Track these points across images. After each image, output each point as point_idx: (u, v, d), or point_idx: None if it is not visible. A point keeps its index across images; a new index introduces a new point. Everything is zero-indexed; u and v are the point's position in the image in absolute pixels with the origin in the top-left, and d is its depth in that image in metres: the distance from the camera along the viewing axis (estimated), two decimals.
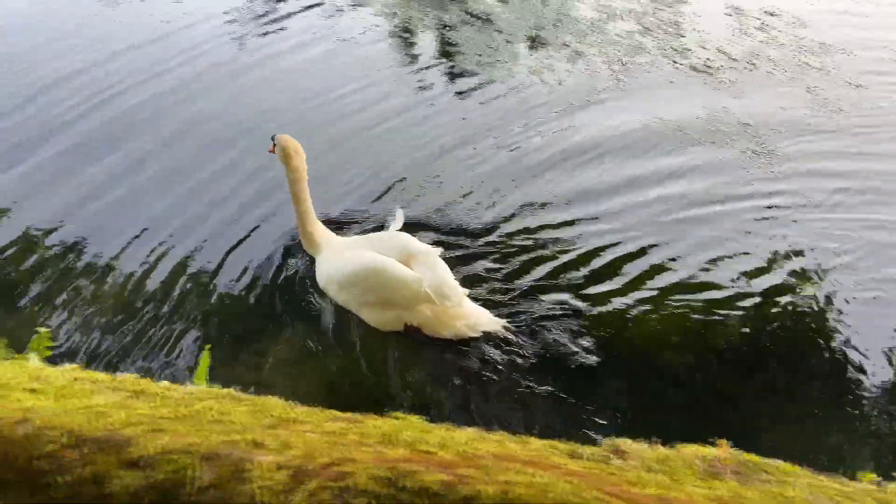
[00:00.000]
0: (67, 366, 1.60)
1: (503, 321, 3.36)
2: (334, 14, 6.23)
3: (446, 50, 5.68)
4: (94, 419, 1.04)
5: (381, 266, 3.32)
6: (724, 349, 3.35)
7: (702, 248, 3.84)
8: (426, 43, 5.83)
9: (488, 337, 3.32)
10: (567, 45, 5.67)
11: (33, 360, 1.90)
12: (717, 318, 3.46)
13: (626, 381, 3.16)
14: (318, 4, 6.31)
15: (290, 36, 5.84)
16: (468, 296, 3.33)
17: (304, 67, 5.47)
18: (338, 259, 3.48)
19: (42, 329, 2.10)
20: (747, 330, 3.42)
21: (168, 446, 0.98)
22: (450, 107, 5.05)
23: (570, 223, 4.00)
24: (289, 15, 6.14)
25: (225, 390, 1.36)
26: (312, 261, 3.63)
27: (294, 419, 1.23)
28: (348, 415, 1.29)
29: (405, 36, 5.92)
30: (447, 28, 5.91)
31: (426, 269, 3.32)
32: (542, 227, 3.95)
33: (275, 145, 3.55)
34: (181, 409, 1.17)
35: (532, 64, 5.47)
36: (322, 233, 3.62)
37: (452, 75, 5.38)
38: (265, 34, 5.85)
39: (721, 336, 3.41)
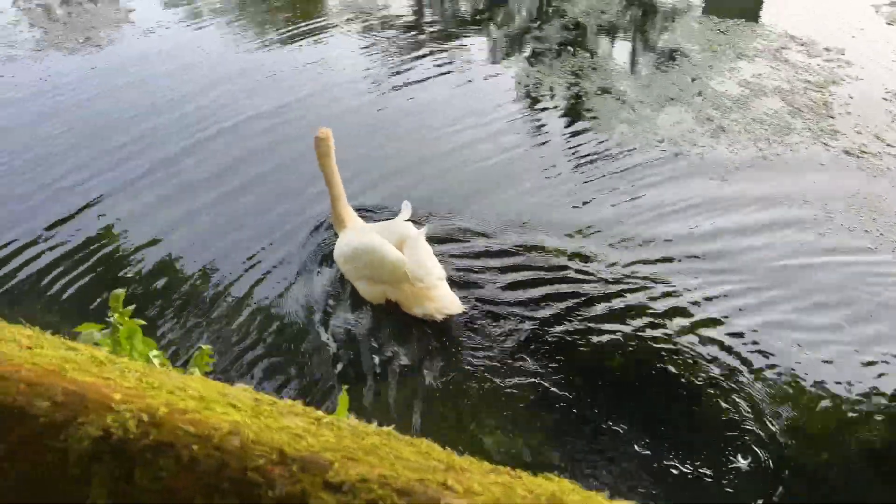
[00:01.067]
0: (241, 385, 1.69)
1: (463, 307, 3.73)
2: (468, 71, 6.50)
3: (581, 114, 5.73)
4: (294, 441, 1.10)
5: (373, 246, 3.83)
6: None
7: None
8: (559, 106, 5.89)
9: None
10: (710, 120, 5.58)
11: (196, 376, 2.00)
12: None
13: None
14: (449, 62, 6.63)
15: (419, 90, 6.13)
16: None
17: (428, 109, 5.78)
18: (349, 238, 4.00)
19: (204, 346, 2.24)
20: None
21: (365, 475, 1.02)
22: (576, 165, 5.10)
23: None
24: (421, 74, 6.44)
25: (385, 428, 1.41)
26: None
27: (459, 466, 1.25)
28: (507, 469, 1.31)
29: (537, 97, 6.02)
30: (584, 95, 5.97)
31: (411, 252, 3.76)
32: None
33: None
34: (360, 442, 1.22)
35: (672, 135, 5.41)
36: (349, 216, 4.15)
37: (585, 138, 5.41)
38: (394, 89, 6.15)
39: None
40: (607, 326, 3.72)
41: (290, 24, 7.43)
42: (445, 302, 3.73)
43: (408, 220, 4.07)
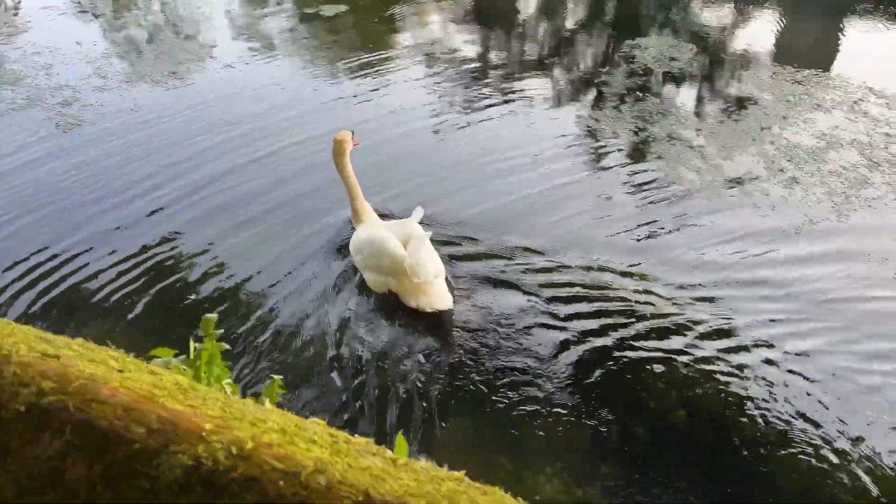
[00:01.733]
0: (314, 419, 1.71)
1: (451, 302, 4.06)
2: (530, 110, 6.55)
3: (646, 158, 5.68)
4: (377, 483, 1.11)
5: (379, 240, 4.26)
6: None
7: None
8: (623, 149, 5.86)
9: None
10: (783, 171, 5.45)
11: (266, 406, 2.03)
12: None
13: None
14: (511, 100, 6.70)
15: (479, 124, 6.21)
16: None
17: (487, 141, 5.89)
18: (361, 231, 4.47)
19: (276, 377, 2.28)
20: None
21: None
22: (638, 205, 5.05)
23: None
24: (482, 110, 6.54)
25: (458, 473, 1.40)
26: None
27: None
28: None
29: (601, 139, 6.00)
30: (651, 140, 5.93)
31: (413, 249, 4.10)
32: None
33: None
34: (438, 487, 1.22)
35: (742, 183, 5.31)
36: (366, 211, 4.63)
37: (649, 180, 5.37)
38: (454, 121, 6.24)
39: None
40: (669, 361, 3.64)
41: (357, 58, 7.66)
42: (436, 298, 4.07)
43: (419, 222, 4.43)
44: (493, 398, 3.58)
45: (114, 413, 1.28)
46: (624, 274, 4.41)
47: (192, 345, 2.11)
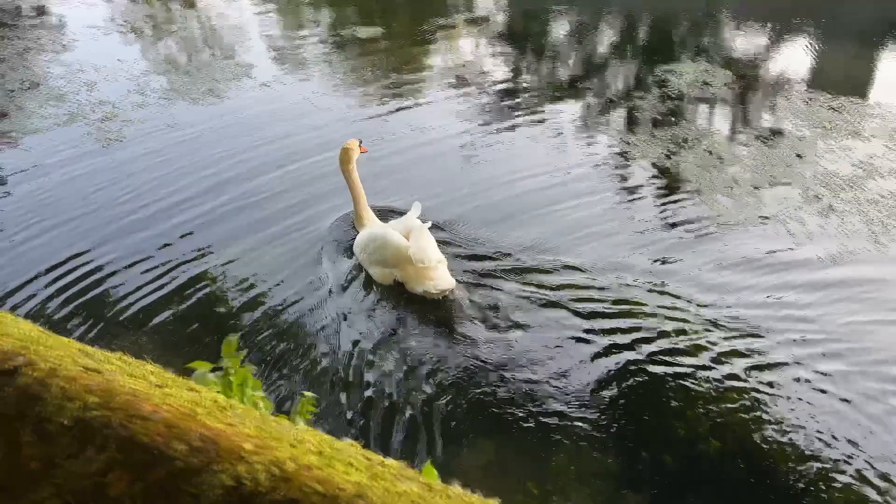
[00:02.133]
0: (347, 440, 1.71)
1: (454, 282, 4.34)
2: (561, 133, 6.55)
3: (679, 183, 5.62)
4: None
5: (382, 234, 4.54)
6: None
7: None
8: (656, 174, 5.80)
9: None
10: (819, 198, 5.37)
11: (299, 424, 2.02)
12: None
13: None
14: (542, 122, 6.70)
15: (509, 144, 6.21)
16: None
17: (517, 161, 5.87)
18: (364, 232, 4.73)
19: (307, 393, 2.28)
20: None
21: None
22: (668, 227, 5.00)
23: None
24: (513, 131, 6.58)
25: (492, 501, 1.39)
26: None
27: None
28: None
29: (633, 163, 5.97)
30: (684, 165, 5.86)
31: (414, 239, 4.38)
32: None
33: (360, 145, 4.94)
34: None
35: (777, 211, 5.23)
36: (368, 216, 4.91)
37: (681, 205, 5.31)
38: (485, 141, 6.26)
39: None
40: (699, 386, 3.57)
41: (390, 78, 7.76)
42: (440, 280, 4.34)
43: (417, 217, 4.67)
44: (517, 416, 3.55)
45: (156, 430, 1.29)
46: (653, 292, 4.37)
47: (225, 363, 2.13)
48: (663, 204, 5.38)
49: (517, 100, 7.38)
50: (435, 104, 7.26)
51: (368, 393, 3.70)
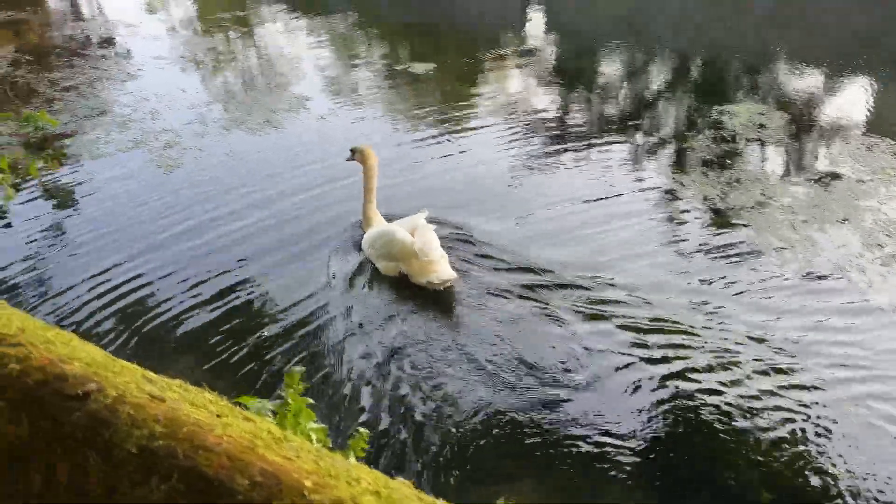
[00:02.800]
0: (399, 478, 1.70)
1: (454, 274, 4.72)
2: (609, 170, 6.50)
3: (731, 225, 5.51)
4: None
5: (389, 231, 4.99)
6: None
7: None
8: (707, 215, 5.70)
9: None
10: (882, 246, 5.20)
11: (351, 460, 2.02)
12: None
13: None
14: (590, 159, 6.67)
15: (557, 180, 6.18)
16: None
17: (564, 197, 5.81)
18: (372, 230, 5.17)
19: (362, 430, 2.28)
20: None
21: None
22: (719, 267, 4.87)
23: None
24: (560, 167, 6.58)
25: None
26: None
27: None
28: None
29: (683, 203, 5.89)
30: (737, 207, 5.75)
31: (419, 236, 4.81)
32: None
33: (353, 154, 5.42)
34: None
35: (835, 257, 5.08)
36: (375, 217, 5.33)
37: (733, 248, 5.20)
38: (532, 175, 6.25)
39: None
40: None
41: (442, 112, 7.87)
42: (442, 272, 4.72)
43: (424, 218, 5.04)
44: (556, 449, 3.49)
45: (219, 462, 1.31)
46: (705, 327, 4.31)
47: (286, 394, 2.15)
48: (715, 246, 5.28)
49: (566, 133, 7.41)
50: (485, 135, 7.34)
51: (391, 415, 3.68)
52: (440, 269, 4.74)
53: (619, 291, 4.67)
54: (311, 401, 2.13)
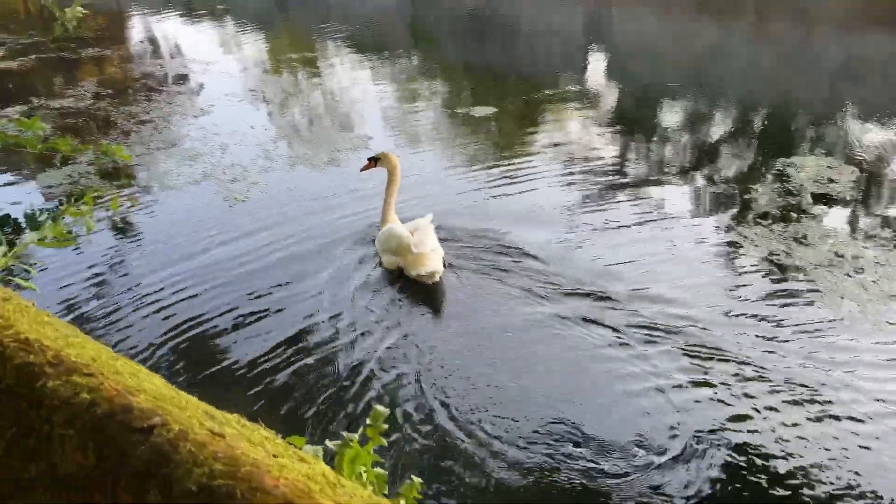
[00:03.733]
0: None
1: (440, 267, 5.39)
2: (666, 220, 6.38)
3: (797, 282, 5.32)
4: None
5: (391, 227, 5.68)
6: None
7: None
8: (771, 271, 5.50)
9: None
10: None
11: None
12: None
13: None
14: (647, 210, 6.56)
15: (613, 229, 6.09)
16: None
17: (618, 249, 5.64)
18: (383, 228, 5.80)
19: (415, 478, 2.25)
20: None
21: None
22: (784, 330, 4.69)
23: None
24: (617, 216, 6.47)
25: None
26: None
27: None
28: None
29: (745, 257, 5.72)
30: (804, 265, 5.55)
31: (419, 232, 5.45)
32: None
33: (376, 161, 6.08)
34: None
35: None
36: (392, 219, 5.93)
37: (798, 307, 5.01)
38: (588, 225, 6.18)
39: None
40: None
41: (501, 157, 7.93)
42: (430, 265, 5.31)
43: (430, 222, 5.61)
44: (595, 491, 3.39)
45: None
46: (761, 378, 4.19)
47: (349, 435, 2.14)
48: (776, 296, 5.10)
49: (626, 179, 7.35)
50: (543, 178, 7.36)
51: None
52: (429, 263, 5.32)
53: (679, 326, 4.55)
54: (384, 442, 2.12)
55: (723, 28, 15.45)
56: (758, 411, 4.00)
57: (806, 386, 4.20)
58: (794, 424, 3.91)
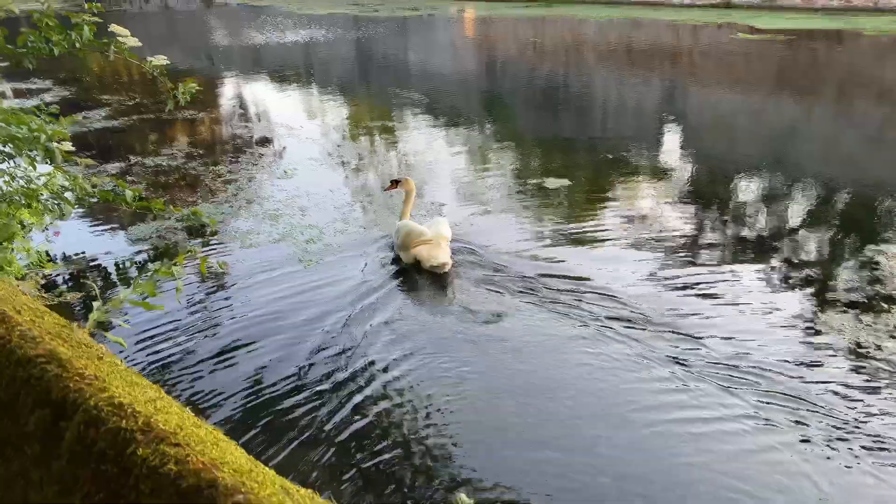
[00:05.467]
0: None
1: (448, 262, 6.63)
2: (742, 297, 6.15)
3: (886, 378, 5.03)
4: None
5: (405, 225, 6.90)
6: None
7: None
8: (864, 367, 5.22)
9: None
10: None
11: None
12: None
13: None
14: (723, 289, 6.34)
15: (688, 311, 5.90)
16: None
17: (696, 329, 5.45)
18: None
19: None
20: None
21: None
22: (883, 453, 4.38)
23: None
24: (693, 294, 6.29)
25: None
26: None
27: None
28: None
29: (831, 349, 5.43)
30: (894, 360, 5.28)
31: (432, 226, 6.87)
32: None
33: (398, 184, 7.64)
34: None
35: None
36: (407, 217, 7.29)
37: (875, 400, 4.71)
38: (665, 304, 6.00)
39: None
40: None
41: (572, 228, 7.88)
42: (440, 258, 6.56)
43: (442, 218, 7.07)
44: None
45: None
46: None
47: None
48: (866, 392, 4.81)
49: (698, 257, 7.19)
50: (614, 253, 7.27)
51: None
52: (437, 256, 6.55)
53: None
54: None
55: (803, 106, 15.19)
56: None
57: None
58: None
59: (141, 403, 2.00)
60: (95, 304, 3.57)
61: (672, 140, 12.64)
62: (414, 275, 6.71)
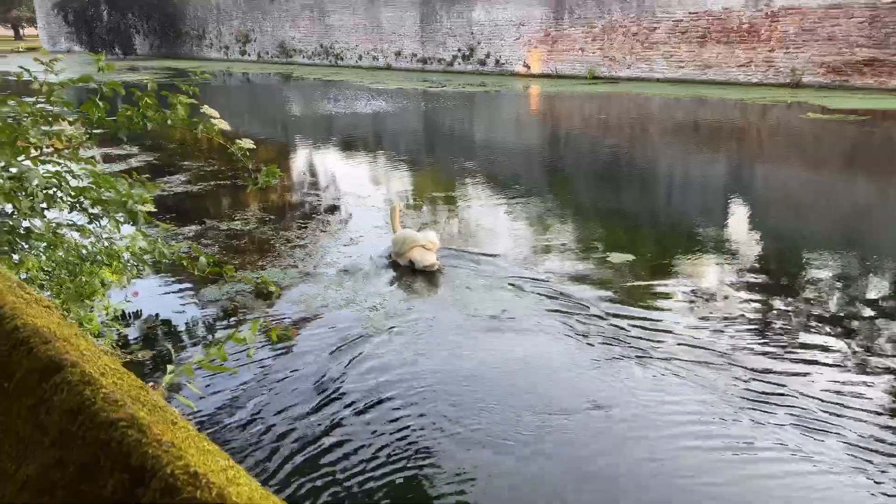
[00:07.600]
0: None
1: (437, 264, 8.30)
2: (826, 381, 5.86)
3: None
4: None
5: (404, 233, 8.53)
6: None
7: None
8: None
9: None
10: None
11: None
12: None
13: None
14: (801, 370, 6.07)
15: (762, 390, 5.65)
16: None
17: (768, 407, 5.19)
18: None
19: None
20: None
21: None
22: None
23: None
24: (765, 375, 6.04)
25: None
26: None
27: None
28: None
29: None
30: None
31: (425, 233, 8.47)
32: None
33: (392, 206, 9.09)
34: None
35: None
36: (399, 229, 8.77)
37: None
38: (741, 385, 5.77)
39: None
40: None
41: (634, 308, 7.75)
42: (428, 259, 8.22)
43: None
44: None
45: None
46: None
47: None
48: None
49: (767, 336, 6.94)
50: (680, 331, 7.10)
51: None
52: (425, 259, 8.14)
53: None
54: None
55: (875, 185, 14.76)
56: None
57: None
58: None
59: (214, 473, 2.05)
60: (169, 367, 3.71)
61: (737, 217, 12.43)
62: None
